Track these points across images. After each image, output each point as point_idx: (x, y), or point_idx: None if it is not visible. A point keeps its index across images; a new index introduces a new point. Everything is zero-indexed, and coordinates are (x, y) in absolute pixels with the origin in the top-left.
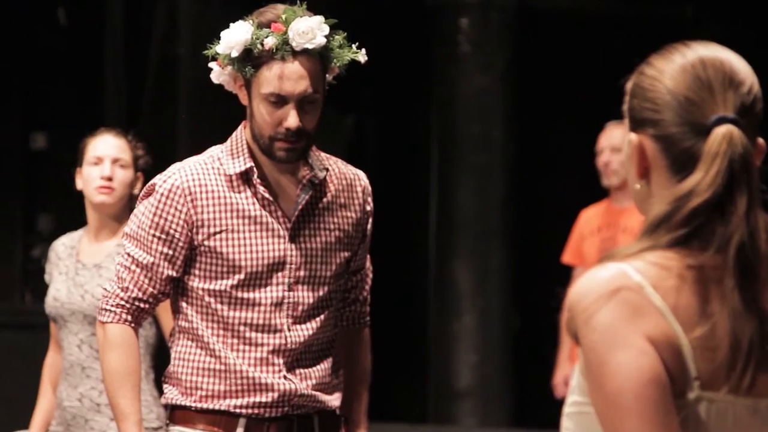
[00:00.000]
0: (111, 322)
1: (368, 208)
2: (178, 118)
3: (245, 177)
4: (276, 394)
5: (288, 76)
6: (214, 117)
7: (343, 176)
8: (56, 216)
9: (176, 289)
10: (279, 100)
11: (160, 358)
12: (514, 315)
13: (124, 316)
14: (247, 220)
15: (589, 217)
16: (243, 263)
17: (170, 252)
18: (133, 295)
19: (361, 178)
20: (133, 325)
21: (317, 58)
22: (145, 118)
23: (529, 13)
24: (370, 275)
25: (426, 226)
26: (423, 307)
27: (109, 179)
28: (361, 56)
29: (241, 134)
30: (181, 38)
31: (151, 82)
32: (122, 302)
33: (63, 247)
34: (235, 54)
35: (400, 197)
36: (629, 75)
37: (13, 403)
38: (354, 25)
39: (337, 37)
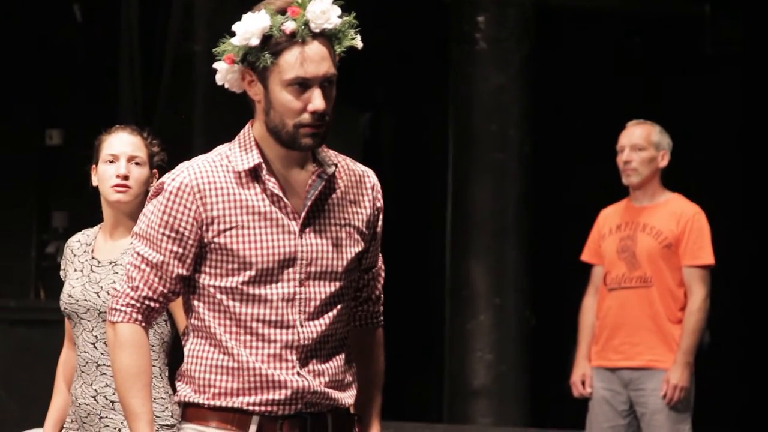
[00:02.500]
0: (121, 321)
1: (378, 204)
2: (193, 115)
3: (254, 173)
4: (289, 392)
5: (311, 59)
6: (229, 114)
7: (352, 172)
8: (71, 213)
9: (187, 288)
10: (303, 84)
11: (174, 356)
12: (530, 314)
13: (134, 315)
14: (256, 216)
15: (608, 216)
16: (254, 259)
17: (180, 250)
18: (143, 294)
19: (370, 176)
20: (143, 324)
21: (330, 40)
22: (159, 115)
23: (547, 10)
24: (383, 274)
25: (442, 224)
26: (439, 306)
27: (125, 177)
28: (358, 42)
29: (248, 132)
30: (197, 35)
31: (167, 78)
32: (132, 302)
33: (78, 244)
34: (255, 42)
35: (416, 195)
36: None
37: (28, 400)
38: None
39: (347, 18)
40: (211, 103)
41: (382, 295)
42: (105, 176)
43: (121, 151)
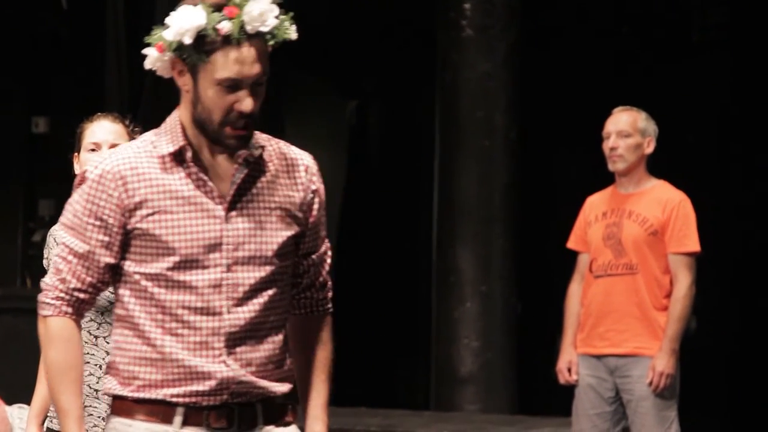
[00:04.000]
0: (51, 315)
1: (313, 187)
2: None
3: (178, 158)
4: (214, 382)
5: (243, 60)
6: None
7: (284, 156)
8: (58, 201)
9: (114, 276)
10: (232, 85)
11: None
12: (516, 301)
13: (64, 308)
14: (180, 201)
15: (594, 203)
16: (177, 245)
17: (106, 238)
18: (71, 286)
19: (304, 158)
20: (74, 317)
21: (265, 40)
22: (145, 103)
23: None
24: (328, 260)
25: (429, 211)
26: (426, 293)
27: None
28: (293, 34)
29: (175, 117)
30: None
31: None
32: (61, 294)
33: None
34: (188, 40)
35: (403, 182)
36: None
37: (13, 388)
38: (358, 10)
39: (284, 18)
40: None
41: (328, 282)
42: (87, 165)
43: (103, 140)
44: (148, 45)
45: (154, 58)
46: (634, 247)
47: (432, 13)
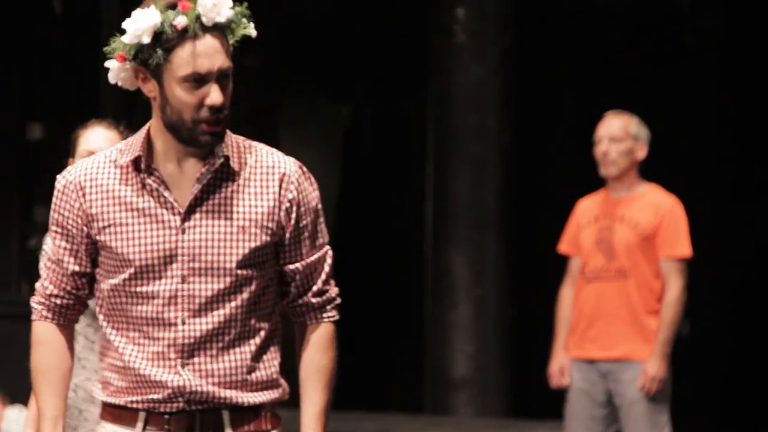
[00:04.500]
0: (35, 319)
1: (289, 196)
2: None
3: (137, 168)
4: (168, 391)
5: (204, 53)
6: None
7: (259, 164)
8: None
9: (93, 286)
10: (198, 80)
11: None
12: (510, 305)
13: (44, 313)
14: (135, 213)
15: (586, 207)
16: (132, 256)
17: (70, 246)
18: (48, 291)
19: (282, 166)
20: (55, 321)
21: (223, 33)
22: (140, 108)
23: (525, 2)
24: (325, 267)
25: (422, 215)
26: (419, 297)
27: None
28: (251, 30)
29: (145, 126)
30: None
31: None
32: (41, 299)
33: None
34: (146, 40)
35: (397, 187)
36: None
37: (11, 394)
38: (351, 16)
39: (239, 8)
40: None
41: (327, 291)
42: None
43: (97, 147)
44: (109, 57)
45: (116, 69)
46: (626, 251)
47: (425, 18)
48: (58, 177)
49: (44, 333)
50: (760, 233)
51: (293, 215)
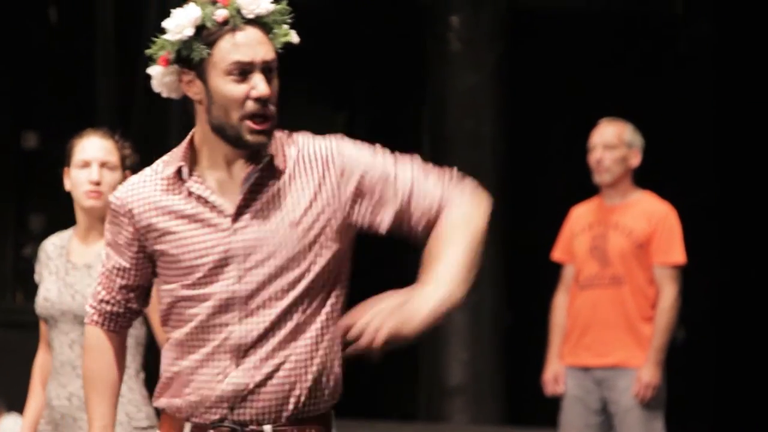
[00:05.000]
0: (88, 323)
1: (337, 171)
2: (169, 116)
3: (181, 176)
4: (216, 394)
5: (246, 43)
6: None
7: (301, 155)
8: (48, 215)
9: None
10: (242, 71)
11: (150, 357)
12: (505, 312)
13: (95, 318)
14: (185, 220)
15: (580, 215)
16: (187, 262)
17: (121, 262)
18: (101, 297)
19: (321, 150)
20: (105, 327)
21: (264, 28)
22: (136, 117)
23: (520, 10)
24: (428, 177)
25: None
26: None
27: (98, 183)
28: (294, 37)
29: (186, 138)
30: None
31: (142, 80)
32: (95, 304)
33: (53, 246)
34: (189, 33)
35: None
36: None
37: (6, 400)
38: (347, 23)
39: (279, 5)
40: (187, 103)
41: (450, 190)
42: (78, 182)
43: (93, 157)
44: (150, 63)
45: (159, 75)
46: (620, 258)
47: (420, 26)
48: (111, 196)
49: (95, 339)
50: (754, 240)
51: (350, 182)
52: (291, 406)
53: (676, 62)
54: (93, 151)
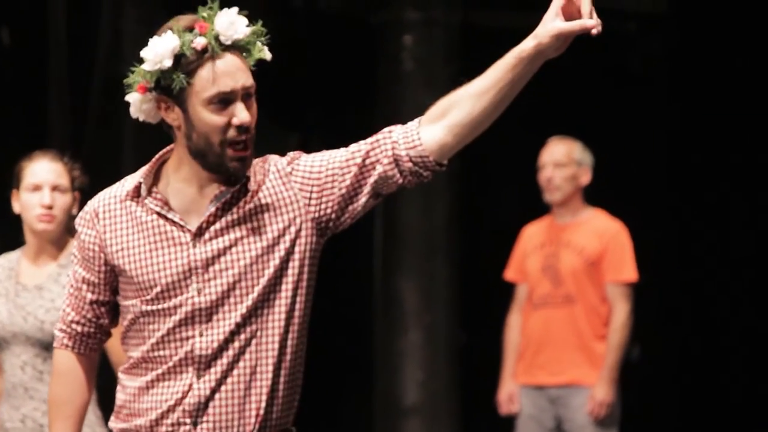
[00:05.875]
0: (56, 347)
1: (297, 184)
2: (123, 137)
3: (138, 193)
4: (180, 408)
5: (226, 72)
6: (159, 136)
7: (271, 174)
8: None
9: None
10: (223, 100)
11: (102, 377)
12: (460, 332)
13: (65, 341)
14: (144, 234)
15: (532, 234)
16: (146, 277)
17: (88, 276)
18: (70, 318)
19: (276, 164)
20: (75, 350)
21: (241, 51)
22: (89, 138)
23: (473, 30)
24: (376, 137)
25: (371, 243)
26: (369, 324)
27: (50, 207)
28: (266, 54)
29: (156, 156)
30: (125, 58)
31: (96, 101)
32: (63, 326)
33: (1, 269)
34: (167, 63)
35: None
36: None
37: None
38: (297, 43)
39: (254, 27)
40: (140, 124)
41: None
42: (29, 205)
43: (44, 180)
44: (129, 90)
45: (138, 102)
46: (572, 277)
47: (372, 45)
48: (81, 211)
49: (62, 363)
50: (708, 256)
51: (317, 187)
52: (253, 419)
53: (628, 81)
54: (43, 174)
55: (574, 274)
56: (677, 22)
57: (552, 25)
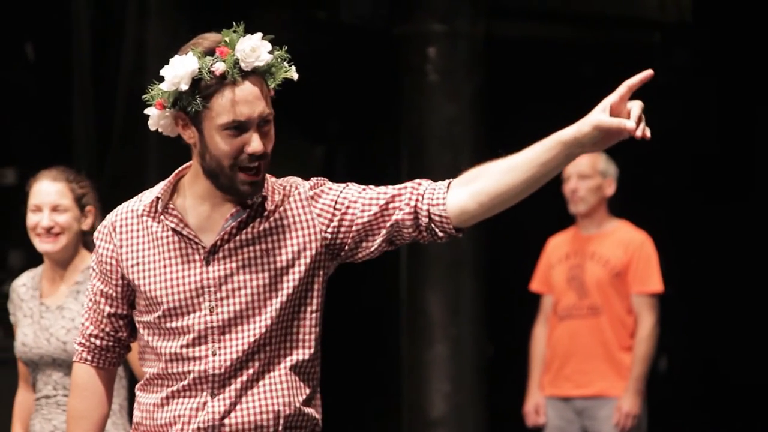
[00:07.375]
0: (75, 361)
1: (316, 209)
2: (147, 150)
3: (155, 209)
4: (194, 427)
5: (244, 100)
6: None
7: (287, 199)
8: (27, 251)
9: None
10: (238, 127)
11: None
12: (486, 343)
13: (84, 355)
14: (159, 250)
15: (557, 245)
16: (159, 293)
17: (106, 289)
18: (89, 332)
19: (298, 187)
20: (94, 364)
21: (263, 78)
22: (114, 152)
23: (497, 41)
24: (406, 189)
25: (397, 255)
26: (395, 337)
27: (49, 229)
28: (293, 74)
29: (175, 172)
30: (149, 71)
31: (120, 115)
32: (82, 340)
33: (24, 288)
34: (184, 87)
35: None
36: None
37: None
38: (322, 55)
39: (278, 52)
40: (164, 138)
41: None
42: (31, 225)
43: (43, 201)
44: (148, 105)
45: (156, 117)
46: (598, 288)
47: (396, 57)
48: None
49: (82, 376)
50: (735, 267)
51: (337, 209)
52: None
53: (652, 92)
54: (42, 195)
55: (599, 285)
56: (702, 32)
57: (595, 116)
